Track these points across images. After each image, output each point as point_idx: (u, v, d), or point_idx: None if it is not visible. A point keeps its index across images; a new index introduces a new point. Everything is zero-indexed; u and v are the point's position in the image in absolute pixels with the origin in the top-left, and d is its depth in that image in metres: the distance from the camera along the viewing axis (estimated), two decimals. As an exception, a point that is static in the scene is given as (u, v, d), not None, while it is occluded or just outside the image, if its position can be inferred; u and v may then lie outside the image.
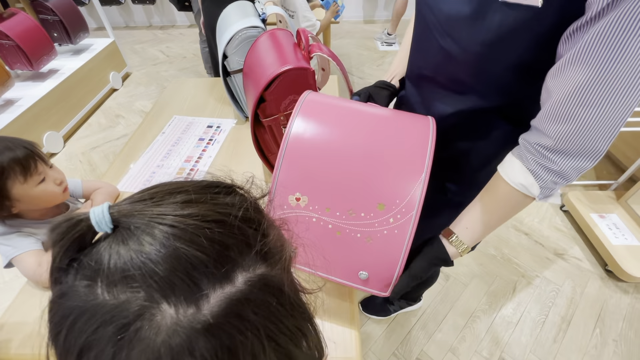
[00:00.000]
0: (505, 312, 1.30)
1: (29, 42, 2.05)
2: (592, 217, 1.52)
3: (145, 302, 0.19)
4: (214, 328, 0.19)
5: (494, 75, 0.50)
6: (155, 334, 0.19)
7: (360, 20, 3.86)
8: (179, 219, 0.21)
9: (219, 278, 0.21)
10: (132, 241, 0.21)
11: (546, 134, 0.42)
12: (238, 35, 0.92)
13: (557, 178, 0.43)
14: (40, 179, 0.71)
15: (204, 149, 1.03)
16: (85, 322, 0.19)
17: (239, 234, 0.23)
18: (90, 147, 2.20)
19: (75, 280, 0.21)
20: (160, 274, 0.20)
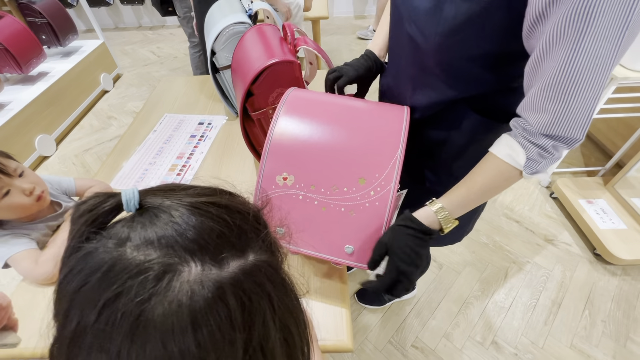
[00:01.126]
0: (498, 298, 1.33)
1: (17, 45, 2.03)
2: (581, 202, 1.55)
3: (174, 259, 0.21)
4: (238, 283, 0.22)
5: (455, 64, 0.52)
6: (186, 285, 0.20)
7: (351, 15, 3.87)
8: (205, 204, 0.24)
9: (237, 250, 0.23)
10: (163, 214, 0.23)
11: (529, 122, 0.45)
12: (225, 32, 0.93)
13: (542, 150, 0.45)
14: (3, 192, 0.66)
15: (196, 145, 1.04)
16: (116, 274, 0.20)
17: (251, 224, 0.26)
18: (83, 149, 2.20)
19: (105, 240, 0.22)
20: (188, 237, 0.22)
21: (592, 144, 1.96)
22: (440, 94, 0.58)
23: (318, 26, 2.24)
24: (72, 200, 0.88)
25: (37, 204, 0.73)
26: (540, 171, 0.47)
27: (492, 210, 1.66)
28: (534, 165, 0.46)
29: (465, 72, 0.52)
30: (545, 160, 0.46)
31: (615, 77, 1.25)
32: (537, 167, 0.47)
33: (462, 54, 0.50)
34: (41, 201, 0.74)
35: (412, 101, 0.63)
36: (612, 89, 1.30)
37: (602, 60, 0.38)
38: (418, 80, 0.60)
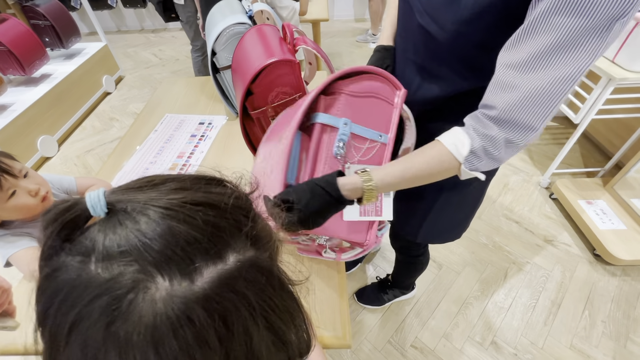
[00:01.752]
0: (497, 298, 1.33)
1: (20, 48, 2.06)
2: (580, 203, 1.55)
3: (139, 275, 0.19)
4: (208, 298, 0.20)
5: (470, 53, 0.52)
6: (150, 304, 0.19)
7: (351, 18, 3.90)
8: (173, 202, 0.22)
9: (212, 255, 0.21)
10: (128, 221, 0.21)
11: (491, 104, 0.45)
12: (226, 32, 0.94)
13: (488, 144, 0.45)
14: (9, 193, 0.67)
15: (196, 144, 1.05)
16: (78, 295, 0.19)
17: (231, 219, 0.24)
18: (85, 150, 2.22)
19: (68, 257, 0.21)
20: (154, 248, 0.20)
21: (591, 145, 1.97)
22: (450, 85, 0.58)
23: (318, 28, 2.26)
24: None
25: (41, 204, 0.73)
26: (479, 169, 0.47)
27: (491, 210, 1.66)
28: (474, 160, 0.47)
29: (480, 61, 0.52)
30: (488, 158, 0.46)
31: (614, 78, 1.26)
32: (478, 164, 0.47)
33: (479, 42, 0.50)
34: (46, 202, 0.75)
35: (420, 93, 0.63)
36: (611, 90, 1.30)
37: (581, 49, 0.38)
38: (428, 72, 0.60)
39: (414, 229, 0.84)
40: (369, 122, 0.58)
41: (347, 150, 0.57)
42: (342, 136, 0.56)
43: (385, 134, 0.57)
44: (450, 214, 0.81)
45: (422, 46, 0.59)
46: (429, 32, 0.54)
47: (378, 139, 0.57)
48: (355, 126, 0.57)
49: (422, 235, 0.85)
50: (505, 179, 1.81)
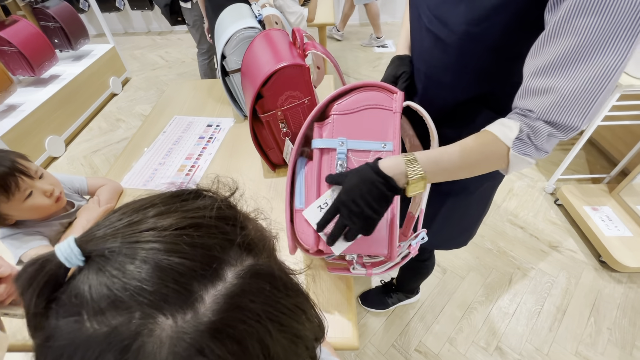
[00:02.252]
0: (502, 304, 1.33)
1: (30, 49, 2.09)
2: (586, 209, 1.55)
3: (140, 320, 0.18)
4: (217, 325, 0.19)
5: (479, 55, 0.52)
6: (159, 347, 0.18)
7: (356, 23, 3.92)
8: (154, 233, 0.21)
9: (209, 278, 0.21)
10: (109, 266, 0.20)
11: (528, 108, 0.45)
12: (236, 36, 0.96)
13: (532, 133, 0.45)
14: (27, 194, 0.69)
15: (204, 147, 1.06)
16: (81, 357, 0.18)
17: (218, 233, 0.23)
18: (92, 150, 2.24)
19: (59, 320, 0.20)
20: (148, 289, 0.19)
21: (597, 152, 1.96)
22: (457, 91, 0.59)
23: (324, 32, 2.27)
24: (84, 199, 0.90)
25: (55, 205, 0.75)
26: (528, 155, 0.46)
27: (496, 216, 1.66)
28: (522, 146, 0.46)
29: (488, 64, 0.52)
30: (534, 146, 0.45)
31: (620, 85, 1.26)
32: (526, 150, 0.46)
33: (489, 44, 0.50)
34: (59, 202, 0.76)
35: (425, 98, 0.64)
36: (617, 97, 1.30)
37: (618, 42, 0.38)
38: (435, 78, 0.61)
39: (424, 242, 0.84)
40: (368, 135, 0.57)
41: (350, 167, 0.56)
42: (340, 155, 0.56)
43: (390, 141, 0.57)
44: (457, 221, 0.81)
45: (429, 52, 0.59)
46: (438, 37, 0.55)
47: (382, 148, 0.57)
48: (353, 142, 0.57)
49: (428, 241, 0.85)
50: (510, 184, 1.81)
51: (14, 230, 0.73)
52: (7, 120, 1.94)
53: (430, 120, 0.59)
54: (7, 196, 0.66)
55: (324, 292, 0.65)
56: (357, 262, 0.61)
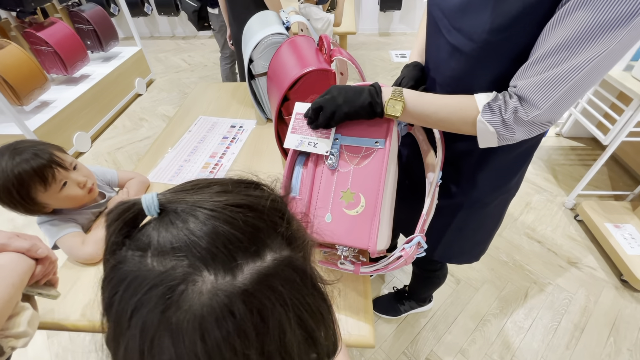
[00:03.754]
0: (517, 318, 1.30)
1: (65, 49, 2.20)
2: (607, 226, 1.51)
3: (188, 269, 0.22)
4: (248, 293, 0.22)
5: (498, 65, 0.53)
6: (198, 296, 0.21)
7: (375, 32, 3.97)
8: (217, 204, 0.24)
9: (252, 254, 0.23)
10: (178, 221, 0.24)
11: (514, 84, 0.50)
12: (264, 42, 1.00)
13: (503, 105, 0.50)
14: (62, 184, 0.73)
15: (228, 146, 1.10)
16: (138, 284, 0.22)
17: (268, 220, 0.26)
18: (115, 147, 2.32)
19: (129, 251, 0.24)
20: (202, 246, 0.22)
21: (619, 168, 1.92)
22: None
23: (345, 41, 2.32)
24: (113, 191, 0.95)
25: (88, 195, 0.80)
26: (492, 124, 0.51)
27: (512, 229, 1.64)
28: (490, 115, 0.51)
29: (507, 75, 0.53)
30: (501, 119, 0.51)
31: (646, 100, 1.24)
32: (492, 119, 0.51)
33: (510, 53, 0.51)
34: (92, 193, 0.81)
35: None
36: (642, 112, 1.28)
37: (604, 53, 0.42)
38: (449, 89, 0.62)
39: (431, 247, 0.83)
40: (362, 133, 0.62)
41: (341, 161, 0.62)
42: (332, 149, 0.62)
43: (382, 139, 0.60)
44: (470, 234, 0.80)
45: (446, 64, 0.59)
46: (456, 48, 0.56)
47: (374, 145, 0.60)
48: (347, 138, 0.62)
49: (438, 253, 0.85)
50: (527, 197, 1.78)
51: (51, 217, 0.78)
52: (40, 116, 2.05)
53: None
54: (45, 186, 0.70)
55: (343, 290, 0.66)
56: (345, 259, 0.63)
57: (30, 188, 0.68)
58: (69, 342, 1.28)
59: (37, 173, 0.68)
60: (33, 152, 0.69)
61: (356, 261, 0.64)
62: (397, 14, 3.85)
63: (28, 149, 0.69)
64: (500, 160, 0.67)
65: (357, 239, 0.59)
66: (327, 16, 1.87)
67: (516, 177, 0.72)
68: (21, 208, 0.71)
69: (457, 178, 0.71)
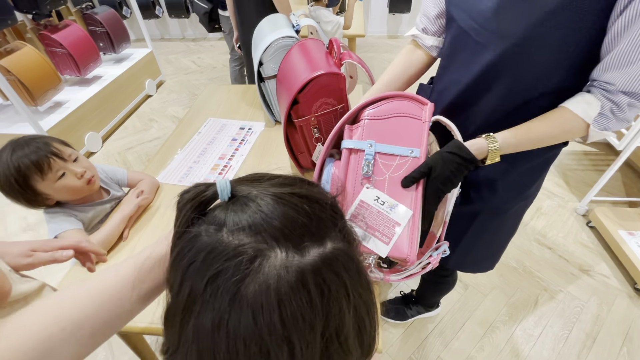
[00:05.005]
0: (526, 325, 1.28)
1: (78, 51, 2.25)
2: (621, 233, 1.47)
3: (262, 245, 0.24)
4: (317, 271, 0.24)
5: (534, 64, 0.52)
6: (272, 269, 0.23)
7: (384, 35, 3.96)
8: (284, 192, 0.27)
9: (317, 238, 0.25)
10: (250, 203, 0.26)
11: (608, 82, 0.48)
12: (274, 44, 1.00)
13: (615, 107, 0.48)
14: (59, 175, 0.76)
15: (237, 148, 1.11)
16: (216, 255, 0.24)
17: (328, 213, 0.28)
18: (125, 147, 2.36)
19: (204, 225, 0.26)
20: (274, 225, 0.24)
21: (634, 174, 1.88)
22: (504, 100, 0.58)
23: (354, 44, 2.32)
24: (121, 190, 0.96)
25: (87, 187, 0.82)
26: (609, 129, 0.50)
27: (522, 234, 1.61)
28: (604, 121, 0.50)
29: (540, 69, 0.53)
30: (616, 118, 0.49)
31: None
32: (607, 124, 0.50)
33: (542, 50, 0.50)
34: (91, 184, 0.82)
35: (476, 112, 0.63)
36: (659, 117, 1.25)
37: None
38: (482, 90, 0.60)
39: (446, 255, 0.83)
40: (397, 140, 0.59)
41: (376, 168, 0.58)
42: (367, 156, 0.58)
43: (417, 148, 0.58)
44: (486, 242, 0.79)
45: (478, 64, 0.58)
46: (487, 48, 0.55)
47: (409, 154, 0.58)
48: (381, 145, 0.59)
49: (453, 262, 0.83)
50: (538, 202, 1.75)
51: (54, 210, 0.80)
52: (53, 116, 2.09)
53: (458, 133, 0.60)
54: (41, 176, 0.73)
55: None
56: (374, 267, 0.61)
57: (29, 177, 0.72)
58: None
59: (33, 163, 0.71)
60: (34, 145, 0.73)
61: (384, 268, 0.63)
62: (407, 17, 3.83)
63: (30, 143, 0.73)
64: (523, 166, 0.65)
65: (396, 249, 0.57)
66: (337, 19, 1.88)
67: (536, 184, 0.71)
68: (22, 199, 0.74)
69: (477, 184, 0.70)
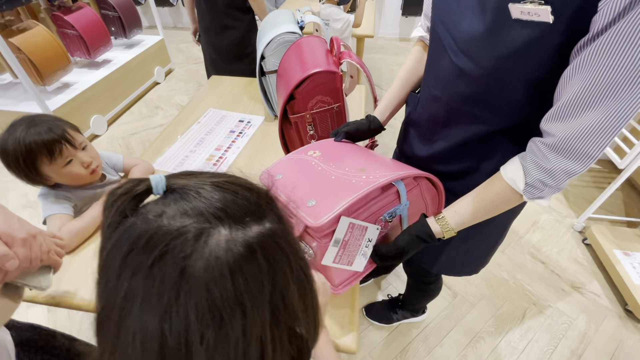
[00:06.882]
0: (512, 338, 1.28)
1: (90, 34, 2.27)
2: (616, 253, 1.46)
3: (204, 224, 0.25)
4: (260, 242, 0.25)
5: (504, 90, 0.52)
6: (217, 244, 0.24)
7: (395, 37, 3.94)
8: (220, 181, 0.28)
9: (256, 217, 0.27)
10: (189, 192, 0.26)
11: (550, 133, 0.47)
12: (277, 39, 1.00)
13: (546, 177, 0.47)
14: (67, 161, 0.76)
15: (234, 140, 1.11)
16: (158, 239, 0.24)
17: (265, 200, 0.29)
18: (130, 132, 2.38)
19: (140, 216, 0.26)
20: (215, 206, 0.26)
21: (635, 193, 1.85)
22: (481, 125, 0.58)
23: (362, 44, 2.31)
24: (117, 175, 0.97)
25: (90, 176, 0.82)
26: (542, 197, 0.50)
27: (516, 247, 1.60)
28: (534, 191, 0.50)
29: (510, 97, 0.52)
30: (547, 187, 0.48)
31: (667, 126, 1.20)
32: (539, 194, 0.50)
33: (513, 78, 0.50)
34: (94, 174, 0.83)
35: (446, 131, 0.64)
36: (662, 138, 1.23)
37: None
38: (458, 112, 0.60)
39: (431, 259, 0.83)
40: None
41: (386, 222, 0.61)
42: (399, 208, 0.62)
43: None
44: (471, 247, 0.79)
45: (454, 87, 0.58)
46: (464, 71, 0.54)
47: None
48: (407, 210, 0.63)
49: (438, 265, 0.84)
50: (535, 216, 1.74)
51: (48, 191, 0.80)
52: (60, 97, 2.12)
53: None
54: (50, 160, 0.73)
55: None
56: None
57: (37, 159, 0.71)
58: (67, 319, 1.32)
59: (46, 146, 0.71)
60: (48, 126, 0.72)
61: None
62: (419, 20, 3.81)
63: (44, 123, 0.73)
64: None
65: (338, 278, 0.59)
66: (347, 17, 1.87)
67: None
68: (24, 176, 0.74)
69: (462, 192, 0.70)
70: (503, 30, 0.47)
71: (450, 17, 0.55)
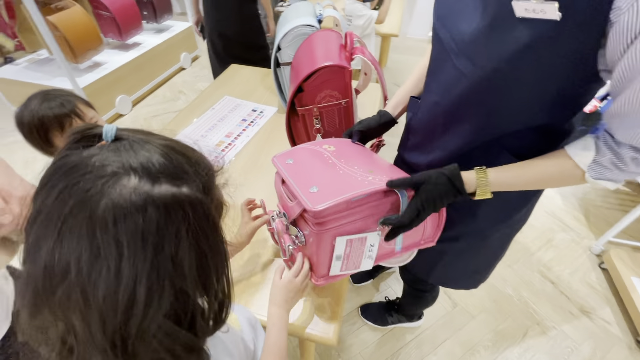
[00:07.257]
0: (509, 355, 1.24)
1: (123, 16, 2.35)
2: (634, 281, 1.38)
3: (119, 170, 0.28)
4: (161, 201, 0.28)
5: (505, 95, 0.50)
6: (120, 188, 0.27)
7: (425, 38, 3.85)
8: (161, 144, 0.31)
9: (172, 179, 0.29)
10: (127, 145, 0.30)
11: (617, 133, 0.44)
12: (293, 31, 1.01)
13: (616, 158, 0.44)
14: None
15: (245, 128, 1.13)
16: (76, 170, 0.27)
17: (194, 167, 0.32)
18: (152, 114, 2.46)
19: (76, 151, 0.30)
20: (137, 160, 0.29)
21: (663, 221, 1.74)
22: (479, 132, 0.56)
23: (387, 43, 2.27)
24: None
25: None
26: (609, 179, 0.46)
27: (526, 263, 1.54)
28: (601, 170, 0.46)
29: (517, 104, 0.50)
30: (618, 170, 0.45)
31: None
32: (605, 174, 0.46)
33: (521, 81, 0.48)
34: None
35: (444, 139, 0.62)
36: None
37: None
38: (457, 118, 0.58)
39: (426, 269, 0.81)
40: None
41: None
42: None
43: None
44: (469, 261, 0.77)
45: (454, 91, 0.56)
46: (462, 73, 0.53)
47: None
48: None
49: (434, 276, 0.82)
50: (550, 233, 1.67)
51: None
52: (90, 75, 2.21)
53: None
54: (61, 132, 0.77)
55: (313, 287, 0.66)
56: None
57: (49, 132, 0.76)
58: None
59: (57, 119, 0.75)
60: (60, 101, 0.76)
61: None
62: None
63: (57, 97, 0.77)
64: (503, 194, 0.63)
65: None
66: (370, 13, 1.85)
67: (521, 213, 0.67)
68: (39, 147, 0.78)
69: (458, 207, 0.66)
70: (505, 29, 0.44)
71: (450, 16, 0.53)
